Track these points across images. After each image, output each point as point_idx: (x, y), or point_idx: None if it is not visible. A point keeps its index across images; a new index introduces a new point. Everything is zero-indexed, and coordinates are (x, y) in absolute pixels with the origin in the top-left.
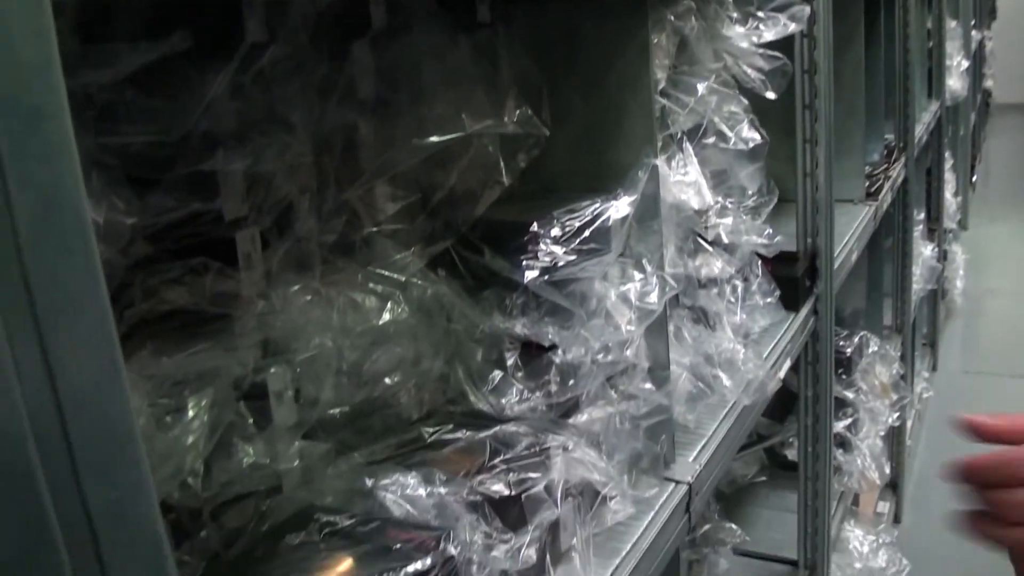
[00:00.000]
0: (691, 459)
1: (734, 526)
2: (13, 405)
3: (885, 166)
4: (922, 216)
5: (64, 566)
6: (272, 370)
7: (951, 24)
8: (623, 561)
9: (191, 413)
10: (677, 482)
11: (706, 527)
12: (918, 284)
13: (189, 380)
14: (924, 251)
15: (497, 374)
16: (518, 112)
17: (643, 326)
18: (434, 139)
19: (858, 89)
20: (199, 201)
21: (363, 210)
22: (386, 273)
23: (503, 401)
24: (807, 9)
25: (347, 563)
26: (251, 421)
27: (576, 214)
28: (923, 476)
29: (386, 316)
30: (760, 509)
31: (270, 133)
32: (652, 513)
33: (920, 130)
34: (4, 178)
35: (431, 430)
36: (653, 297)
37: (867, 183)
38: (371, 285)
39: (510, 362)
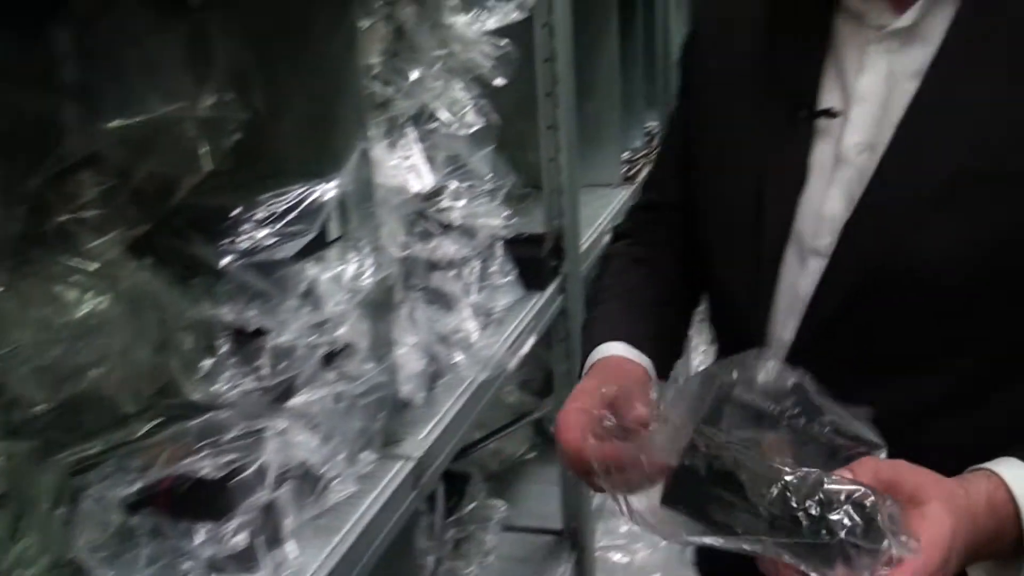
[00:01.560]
0: (422, 436)
1: (499, 502)
2: None
3: (646, 152)
4: None
5: None
6: None
7: None
8: (342, 539)
9: None
10: (406, 459)
11: (472, 505)
12: None
13: None
14: None
15: (209, 362)
16: (216, 97)
17: (355, 305)
18: (118, 123)
19: (613, 78)
20: None
21: (57, 197)
22: (83, 263)
23: (215, 388)
24: None
25: None
26: None
27: (282, 198)
28: None
29: (87, 307)
30: (531, 484)
31: None
32: (376, 491)
33: None
34: None
35: (143, 424)
36: (367, 277)
37: (627, 168)
38: (71, 277)
39: (223, 349)
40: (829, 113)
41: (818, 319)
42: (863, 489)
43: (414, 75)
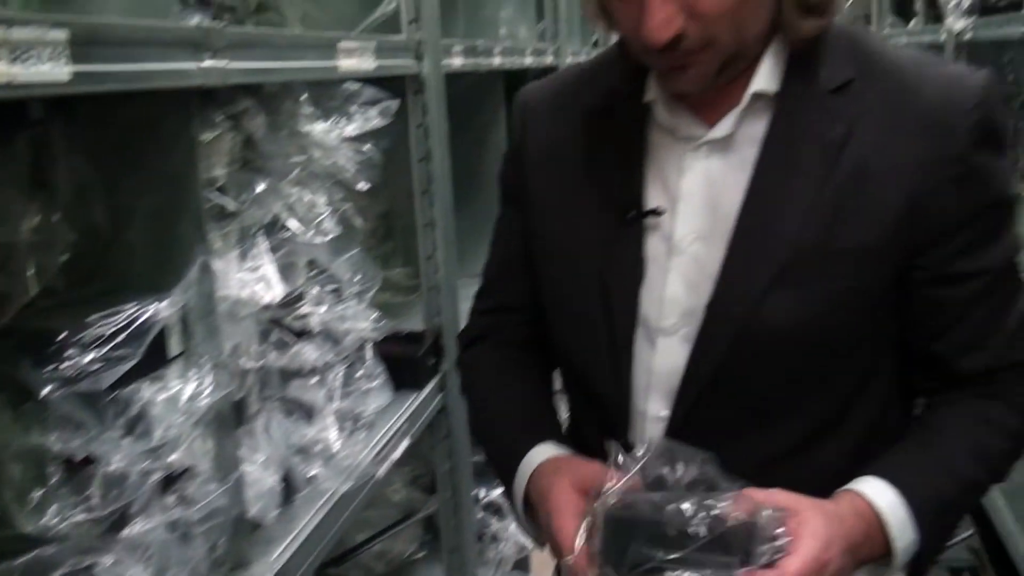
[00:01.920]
0: (273, 557)
1: None
2: None
3: None
4: None
5: None
6: None
7: None
8: None
9: None
10: None
11: None
12: None
13: None
14: None
15: (38, 493)
16: (38, 218)
17: (194, 426)
18: None
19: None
20: None
21: None
22: None
23: (45, 521)
24: (394, 104)
25: None
26: None
27: (113, 319)
28: None
29: None
30: None
31: None
32: None
33: None
34: None
35: None
36: (207, 396)
37: None
38: None
39: (53, 478)
40: (655, 212)
41: (692, 391)
42: (746, 496)
43: (261, 187)
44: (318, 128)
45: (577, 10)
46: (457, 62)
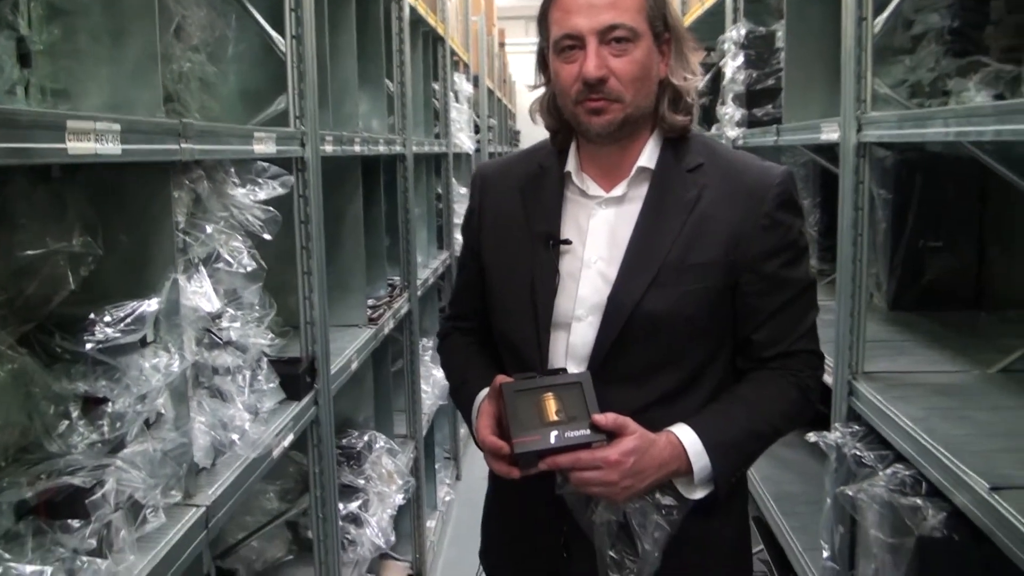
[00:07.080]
0: (211, 491)
1: None
2: None
3: (388, 299)
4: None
5: None
6: None
7: (461, 189)
8: (154, 555)
9: None
10: (198, 506)
11: None
12: (430, 399)
13: None
14: (436, 374)
15: (64, 423)
16: (82, 239)
17: (166, 387)
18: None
19: (358, 239)
20: None
21: None
22: None
23: (68, 442)
24: (291, 179)
25: None
26: None
27: (121, 309)
28: (447, 565)
29: None
30: None
31: None
32: (177, 527)
33: (427, 274)
34: None
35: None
36: (175, 367)
37: (371, 312)
38: None
39: (74, 414)
40: (567, 242)
41: (599, 357)
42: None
43: (208, 229)
44: (239, 192)
45: (421, 106)
46: (329, 149)
